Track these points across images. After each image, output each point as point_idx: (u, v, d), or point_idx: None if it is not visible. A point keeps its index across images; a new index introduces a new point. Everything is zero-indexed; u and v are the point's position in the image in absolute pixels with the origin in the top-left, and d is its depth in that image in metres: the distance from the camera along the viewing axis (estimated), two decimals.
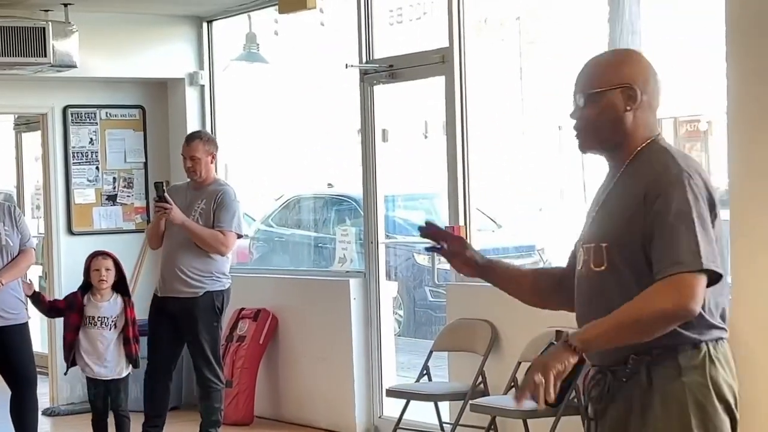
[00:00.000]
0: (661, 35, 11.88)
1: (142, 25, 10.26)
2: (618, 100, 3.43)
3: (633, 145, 3.46)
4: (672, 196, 3.27)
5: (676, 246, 3.23)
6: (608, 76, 3.48)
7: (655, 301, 3.22)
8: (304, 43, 10.23)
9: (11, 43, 9.27)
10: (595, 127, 3.49)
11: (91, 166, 10.57)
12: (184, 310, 8.17)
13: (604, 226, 3.46)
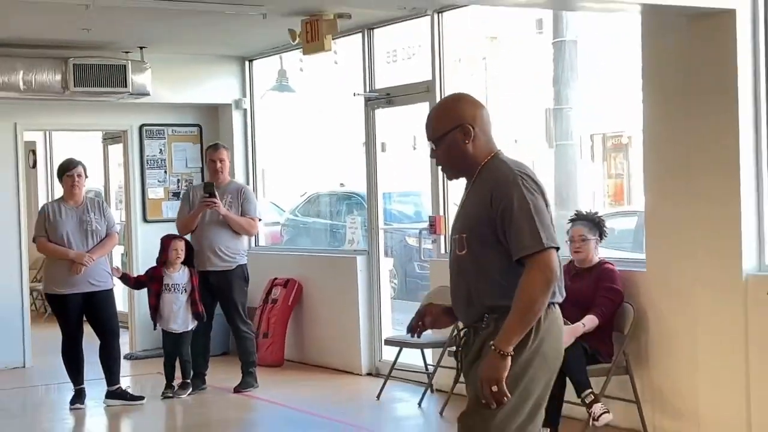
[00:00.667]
0: (594, 70, 11.86)
1: (200, 63, 10.28)
2: (458, 138, 3.53)
3: (477, 164, 3.54)
4: (513, 196, 3.39)
5: (523, 234, 3.36)
6: (445, 121, 3.58)
7: (534, 285, 3.35)
8: (321, 77, 10.27)
9: (101, 77, 9.31)
10: (449, 163, 3.63)
11: (160, 170, 10.61)
12: (222, 280, 8.22)
13: (463, 221, 3.58)
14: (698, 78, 6.21)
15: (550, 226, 3.45)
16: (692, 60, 6.24)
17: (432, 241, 8.54)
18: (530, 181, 3.46)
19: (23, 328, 9.88)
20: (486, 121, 3.61)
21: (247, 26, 8.62)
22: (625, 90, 8.66)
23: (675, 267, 6.37)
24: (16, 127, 9.96)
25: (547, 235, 3.39)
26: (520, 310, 3.37)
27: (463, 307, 3.62)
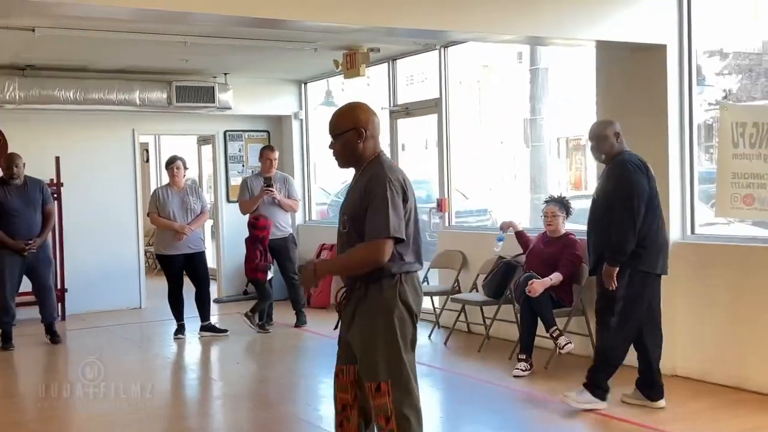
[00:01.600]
0: (560, 90, 11.87)
1: (268, 85, 10.27)
2: (352, 137, 3.38)
3: (365, 160, 3.41)
4: (378, 191, 3.27)
5: (376, 222, 3.25)
6: (344, 122, 3.42)
7: (362, 254, 3.28)
8: (357, 95, 10.28)
9: (195, 95, 9.37)
10: (342, 155, 3.45)
11: (239, 164, 10.61)
12: (280, 245, 8.22)
13: (347, 206, 3.44)
14: (637, 96, 6.20)
15: (401, 220, 3.31)
16: (633, 82, 6.23)
17: (438, 217, 8.53)
18: (396, 184, 3.32)
19: (139, 279, 9.96)
20: (376, 126, 3.47)
21: (303, 58, 8.63)
22: (583, 105, 8.60)
23: None
24: (134, 132, 9.99)
25: (393, 227, 3.26)
26: (344, 261, 3.43)
27: None
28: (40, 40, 7.08)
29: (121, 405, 5.75)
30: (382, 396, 3.35)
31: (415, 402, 3.42)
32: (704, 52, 7.12)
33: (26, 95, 8.61)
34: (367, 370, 3.40)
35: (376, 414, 3.39)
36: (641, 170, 4.95)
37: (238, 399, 5.99)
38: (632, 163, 4.97)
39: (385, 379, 3.35)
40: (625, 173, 4.92)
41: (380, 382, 3.35)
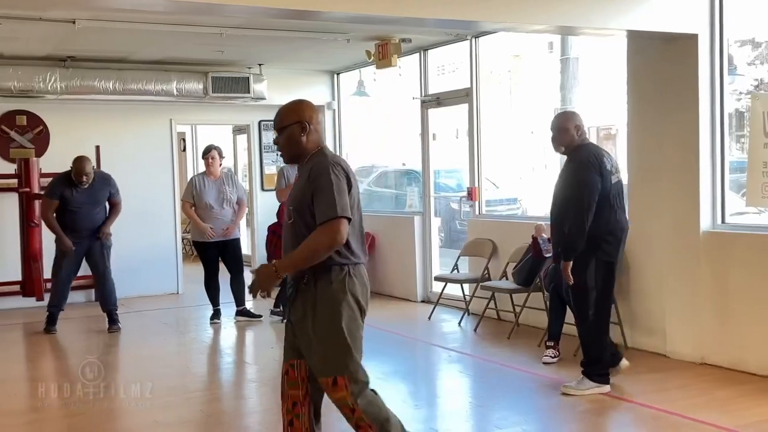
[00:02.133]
0: (590, 79, 11.75)
1: (302, 75, 10.30)
2: (296, 131, 3.39)
3: (308, 153, 3.41)
4: (323, 178, 3.26)
5: (325, 205, 3.22)
6: (289, 117, 3.43)
7: (320, 239, 3.22)
8: (389, 85, 10.26)
9: (231, 86, 9.44)
10: (286, 147, 3.45)
11: (273, 153, 10.59)
12: None
13: (293, 198, 3.42)
14: (668, 85, 6.13)
15: (347, 201, 3.28)
16: (664, 71, 6.16)
17: (469, 206, 8.49)
18: (339, 168, 3.34)
19: (177, 265, 10.07)
20: (319, 121, 3.49)
21: (336, 49, 8.63)
22: (613, 94, 8.51)
23: (649, 224, 6.29)
24: (171, 122, 10.08)
25: (341, 207, 3.23)
26: (303, 252, 3.26)
27: None
28: (81, 31, 7.16)
29: (158, 387, 5.83)
30: (340, 390, 3.35)
31: (369, 388, 3.43)
32: (736, 41, 6.99)
33: (67, 86, 8.72)
34: (322, 365, 3.36)
35: (339, 407, 3.39)
36: (594, 167, 5.01)
37: (272, 383, 6.04)
38: (586, 159, 5.04)
39: (342, 373, 3.33)
40: (578, 172, 5.03)
41: (336, 376, 3.33)
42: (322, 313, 3.32)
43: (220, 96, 9.44)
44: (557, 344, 6.13)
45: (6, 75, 8.52)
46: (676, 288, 6.14)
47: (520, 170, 13.89)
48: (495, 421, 5.02)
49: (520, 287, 7.00)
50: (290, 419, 3.46)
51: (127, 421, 5.20)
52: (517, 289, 7.06)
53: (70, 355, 7.22)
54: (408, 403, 5.37)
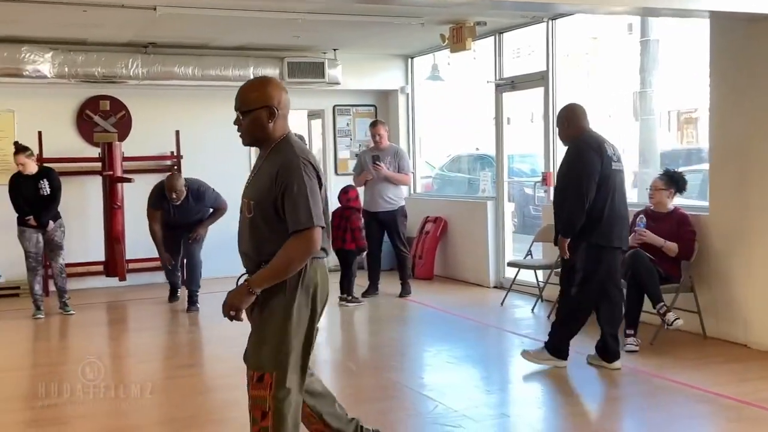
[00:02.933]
0: (671, 61, 11.46)
1: (376, 60, 10.31)
2: (263, 115, 3.15)
3: (272, 141, 3.19)
4: (293, 181, 3.03)
5: (298, 213, 3.02)
6: (256, 100, 3.17)
7: (295, 251, 3.04)
8: (464, 68, 10.21)
9: (306, 71, 9.50)
10: (250, 132, 3.21)
11: (347, 138, 10.71)
12: (388, 216, 8.29)
13: (252, 190, 3.20)
14: (753, 68, 5.94)
15: (320, 206, 3.10)
16: (749, 53, 5.97)
17: (543, 191, 8.38)
18: (310, 167, 3.13)
19: None
20: (286, 105, 3.23)
21: (410, 33, 8.61)
22: (695, 76, 8.28)
23: (732, 211, 6.14)
24: None
25: (316, 215, 3.05)
26: (278, 265, 3.07)
27: (246, 259, 3.26)
28: (161, 18, 7.31)
29: (231, 366, 5.94)
30: (264, 388, 3.11)
31: (296, 402, 3.18)
32: None
33: (149, 71, 8.93)
34: (254, 357, 3.16)
35: (252, 405, 3.15)
36: (594, 150, 5.21)
37: (344, 364, 6.10)
38: (586, 144, 5.25)
39: (271, 371, 3.10)
40: (578, 155, 5.25)
41: (265, 372, 3.11)
42: (273, 306, 3.13)
43: (296, 81, 9.50)
44: (637, 332, 6.02)
45: (90, 61, 8.78)
46: (762, 276, 5.96)
47: None
48: (568, 408, 4.97)
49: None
50: None
51: (209, 397, 5.33)
52: None
53: (156, 333, 7.41)
54: (480, 388, 5.36)
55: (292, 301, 3.13)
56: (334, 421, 3.52)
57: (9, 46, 8.42)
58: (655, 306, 5.98)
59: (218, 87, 9.49)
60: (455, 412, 4.67)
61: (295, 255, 3.06)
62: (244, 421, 3.29)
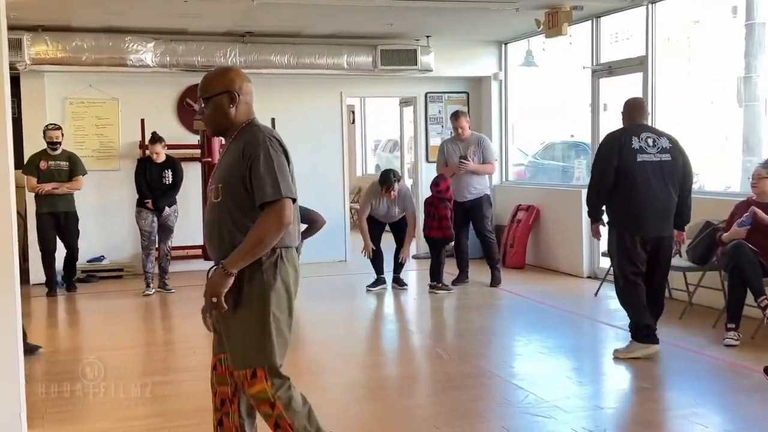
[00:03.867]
0: None
1: (468, 47, 10.25)
2: (224, 101, 3.12)
3: (236, 126, 3.15)
4: (260, 153, 3.00)
5: (266, 184, 2.97)
6: (216, 85, 3.15)
7: (266, 225, 2.96)
8: (559, 53, 10.04)
9: (399, 58, 9.56)
10: (213, 119, 3.18)
11: (438, 125, 10.70)
12: (473, 204, 8.25)
13: (220, 174, 3.14)
14: None
15: (289, 179, 3.05)
16: None
17: None
18: (276, 142, 3.08)
19: (345, 234, 10.36)
20: (249, 92, 3.20)
21: (504, 18, 8.54)
22: None
23: None
24: (341, 95, 10.32)
25: (285, 187, 2.99)
26: (250, 243, 2.98)
27: (216, 246, 3.15)
28: (258, 7, 7.45)
29: (325, 350, 6.05)
30: (259, 382, 3.07)
31: (291, 385, 3.15)
32: None
33: (246, 60, 9.12)
34: (241, 355, 3.09)
35: (258, 402, 3.10)
36: (614, 144, 5.51)
37: (434, 352, 6.11)
38: (607, 138, 5.66)
39: (262, 365, 3.06)
40: (599, 147, 5.72)
41: (255, 367, 3.06)
42: (249, 300, 3.06)
43: (388, 69, 9.57)
44: (738, 326, 5.80)
45: (190, 51, 9.03)
46: None
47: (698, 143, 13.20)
48: (664, 402, 4.85)
49: (694, 265, 6.67)
50: (219, 418, 3.21)
51: (298, 381, 5.40)
52: (691, 267, 6.74)
53: None
54: (572, 380, 5.27)
55: (269, 294, 3.07)
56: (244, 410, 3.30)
57: (113, 37, 8.74)
58: (756, 299, 5.76)
59: (312, 75, 9.65)
60: (546, 403, 4.62)
61: (267, 230, 2.98)
62: (326, 407, 3.24)
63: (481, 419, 4.41)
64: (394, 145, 14.98)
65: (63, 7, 7.72)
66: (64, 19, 8.27)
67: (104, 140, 9.56)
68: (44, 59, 8.58)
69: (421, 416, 4.54)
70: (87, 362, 5.68)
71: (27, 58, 8.44)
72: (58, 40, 8.58)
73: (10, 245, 3.93)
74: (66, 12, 7.96)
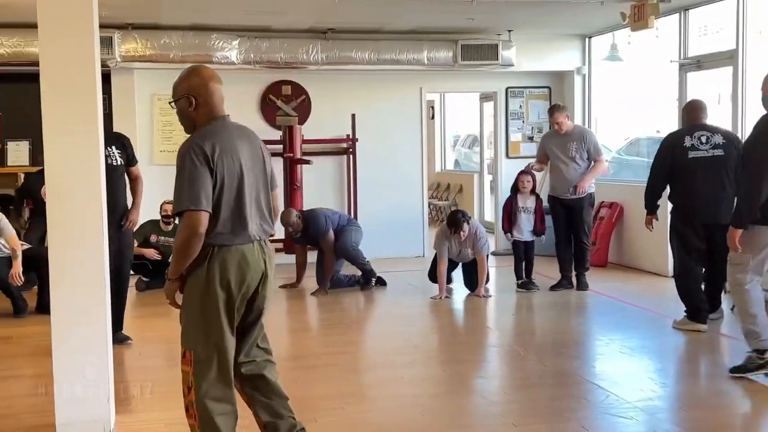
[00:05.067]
0: None
1: (551, 41, 10.13)
2: (184, 105, 3.35)
3: (200, 127, 3.34)
4: (180, 162, 3.20)
5: (178, 195, 3.16)
6: (177, 90, 3.37)
7: (181, 233, 3.15)
8: (644, 47, 9.82)
9: (479, 53, 9.46)
10: (180, 121, 3.42)
11: (519, 121, 10.60)
12: (576, 204, 7.87)
13: None
14: None
15: (199, 190, 3.15)
16: None
17: None
18: (199, 150, 3.20)
19: (423, 229, 10.38)
20: (211, 92, 3.34)
21: (588, 12, 8.41)
22: None
23: None
24: (421, 91, 10.34)
25: (189, 199, 3.14)
26: (174, 251, 3.24)
27: None
28: (340, 4, 7.52)
29: (401, 344, 6.08)
30: (186, 364, 3.30)
31: (217, 380, 3.28)
32: None
33: (327, 57, 9.23)
34: (182, 335, 3.36)
35: (183, 380, 3.33)
36: (668, 143, 6.26)
37: (511, 349, 6.07)
38: (663, 140, 6.39)
39: (190, 348, 3.29)
40: (658, 148, 6.43)
41: (186, 349, 3.31)
42: (186, 292, 3.31)
43: (469, 63, 9.51)
44: None
45: (274, 48, 9.19)
46: None
47: None
48: (756, 407, 4.68)
49: None
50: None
51: (374, 374, 5.47)
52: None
53: (322, 311, 7.70)
54: (655, 381, 5.16)
55: (198, 285, 3.25)
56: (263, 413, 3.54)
57: (200, 34, 8.97)
58: None
59: (392, 71, 9.69)
60: (628, 403, 4.54)
61: (180, 239, 3.18)
62: (401, 401, 3.31)
63: (560, 418, 4.36)
64: (474, 141, 14.90)
65: (152, 6, 7.96)
66: (153, 17, 8.52)
67: None
68: (134, 56, 8.86)
69: (499, 413, 4.52)
70: (173, 351, 5.86)
71: (117, 56, 8.74)
72: (147, 38, 8.85)
73: (100, 238, 4.09)
74: (155, 10, 8.20)
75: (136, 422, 4.34)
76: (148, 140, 9.47)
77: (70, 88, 3.97)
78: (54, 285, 4.01)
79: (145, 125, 9.48)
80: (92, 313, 4.06)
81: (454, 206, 12.41)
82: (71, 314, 4.02)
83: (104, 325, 4.11)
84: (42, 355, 5.02)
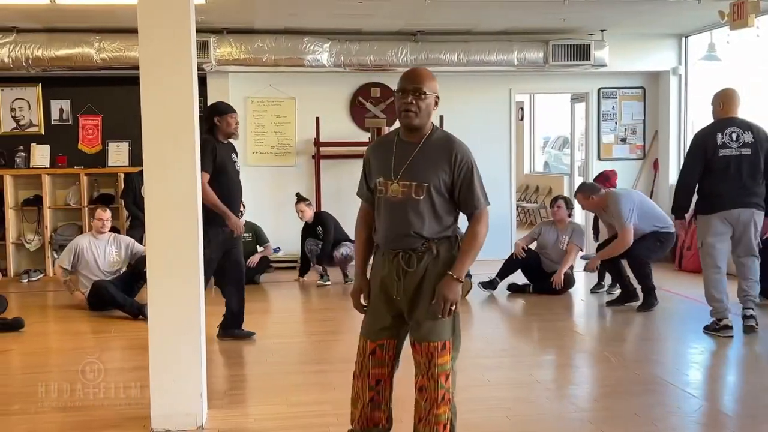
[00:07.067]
0: None
1: (645, 40, 9.95)
2: (432, 102, 3.52)
3: (427, 129, 3.49)
4: (471, 163, 3.41)
5: (476, 193, 3.39)
6: (433, 86, 3.55)
7: (481, 232, 3.37)
8: (744, 47, 9.46)
9: (571, 53, 9.39)
10: (419, 112, 3.46)
11: (612, 122, 10.44)
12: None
13: (423, 173, 3.37)
14: None
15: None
16: None
17: None
18: None
19: (511, 231, 10.32)
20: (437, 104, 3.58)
21: (685, 10, 8.19)
22: None
23: None
24: (510, 92, 10.26)
25: (486, 197, 3.46)
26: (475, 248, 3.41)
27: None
28: (430, 6, 7.54)
29: (489, 346, 6.03)
30: (447, 354, 3.40)
31: None
32: None
33: (416, 59, 9.27)
34: (440, 329, 3.39)
35: (439, 372, 3.38)
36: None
37: (601, 354, 5.95)
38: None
39: (449, 338, 3.42)
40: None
41: (445, 340, 3.40)
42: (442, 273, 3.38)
43: (560, 64, 9.43)
44: None
45: (364, 50, 9.29)
46: None
47: None
48: None
49: None
50: (372, 396, 3.52)
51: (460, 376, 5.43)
52: None
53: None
54: (750, 393, 4.96)
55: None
56: None
57: (292, 38, 9.14)
58: None
59: (481, 72, 9.66)
60: (721, 414, 4.39)
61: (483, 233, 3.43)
62: (486, 404, 3.24)
63: (651, 427, 4.26)
64: (564, 142, 14.68)
65: (247, 10, 8.15)
66: (247, 21, 8.73)
67: (281, 137, 10.01)
68: (228, 60, 9.10)
69: (587, 420, 4.44)
70: (266, 348, 5.99)
71: (213, 59, 8.99)
72: (242, 42, 9.07)
73: (196, 237, 4.21)
74: (249, 14, 8.39)
75: (227, 417, 4.44)
76: (242, 142, 9.68)
77: (168, 90, 4.09)
78: (151, 283, 4.14)
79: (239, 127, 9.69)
80: (186, 310, 4.17)
81: (542, 209, 12.24)
82: (167, 310, 4.15)
83: (198, 321, 4.23)
84: (140, 348, 5.21)
